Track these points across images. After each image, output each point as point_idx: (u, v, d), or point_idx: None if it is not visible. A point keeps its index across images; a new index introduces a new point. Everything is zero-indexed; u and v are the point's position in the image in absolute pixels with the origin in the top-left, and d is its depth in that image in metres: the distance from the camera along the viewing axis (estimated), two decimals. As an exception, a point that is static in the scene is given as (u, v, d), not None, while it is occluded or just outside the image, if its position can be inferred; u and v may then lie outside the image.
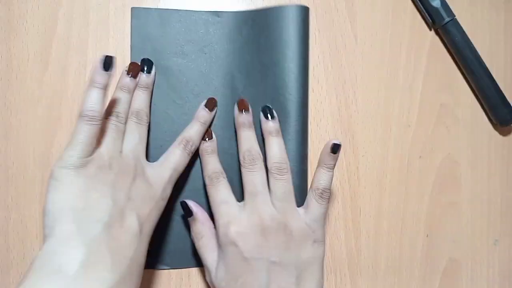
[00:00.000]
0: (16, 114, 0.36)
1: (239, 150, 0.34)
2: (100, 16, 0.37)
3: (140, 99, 0.34)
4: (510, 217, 0.41)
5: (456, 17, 0.39)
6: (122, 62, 0.37)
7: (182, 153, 0.34)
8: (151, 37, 0.37)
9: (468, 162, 0.41)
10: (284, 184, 0.33)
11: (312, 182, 0.33)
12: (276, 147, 0.34)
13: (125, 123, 0.32)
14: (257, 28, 0.37)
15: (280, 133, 0.35)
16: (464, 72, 0.41)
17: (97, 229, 0.26)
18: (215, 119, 0.37)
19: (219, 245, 0.32)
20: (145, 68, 0.36)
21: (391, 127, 0.40)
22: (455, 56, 0.41)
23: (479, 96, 0.41)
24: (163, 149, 0.36)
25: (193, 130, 0.35)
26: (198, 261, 0.37)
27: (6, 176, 0.36)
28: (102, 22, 0.37)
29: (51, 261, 0.24)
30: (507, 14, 0.42)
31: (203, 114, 0.36)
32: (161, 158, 0.34)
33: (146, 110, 0.34)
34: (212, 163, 0.35)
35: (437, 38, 0.41)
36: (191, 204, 0.35)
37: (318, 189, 0.33)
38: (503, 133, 0.42)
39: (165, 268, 0.37)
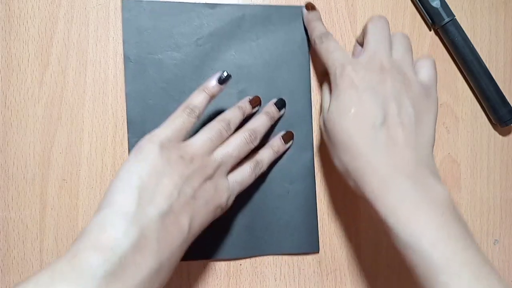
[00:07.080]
0: (16, 114, 0.36)
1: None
2: (100, 16, 0.37)
3: (263, 122, 0.35)
4: (510, 217, 0.41)
5: (456, 17, 0.39)
6: (122, 62, 0.37)
7: (251, 174, 0.34)
8: (143, 30, 0.36)
9: (467, 162, 0.41)
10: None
11: None
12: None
13: (230, 135, 0.33)
14: (257, 23, 0.37)
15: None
16: (464, 72, 0.41)
17: (153, 215, 0.26)
18: (212, 111, 0.37)
19: (333, 85, 0.32)
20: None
21: (391, 127, 0.40)
22: (455, 56, 0.41)
23: (479, 96, 0.41)
24: None
25: (266, 155, 0.36)
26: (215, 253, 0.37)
27: (6, 175, 0.36)
28: (102, 22, 0.37)
29: (102, 232, 0.25)
30: (507, 14, 0.42)
31: (278, 143, 0.37)
32: (234, 174, 0.34)
33: (261, 135, 0.34)
34: (319, 27, 0.36)
35: (437, 38, 0.41)
36: None
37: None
38: (503, 133, 0.42)
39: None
